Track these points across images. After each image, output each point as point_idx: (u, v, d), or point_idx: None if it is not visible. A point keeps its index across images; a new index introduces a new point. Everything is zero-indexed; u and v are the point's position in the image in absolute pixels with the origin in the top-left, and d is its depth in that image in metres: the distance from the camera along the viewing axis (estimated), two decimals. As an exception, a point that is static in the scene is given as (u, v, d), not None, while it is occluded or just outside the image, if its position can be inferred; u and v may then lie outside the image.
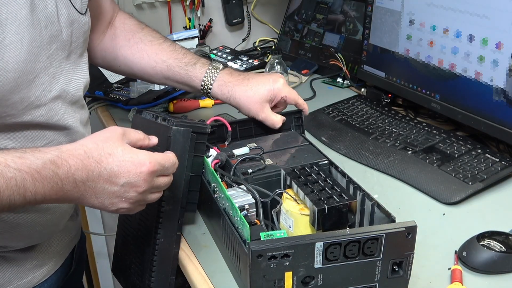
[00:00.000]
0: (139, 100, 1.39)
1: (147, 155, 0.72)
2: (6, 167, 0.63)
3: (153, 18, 1.70)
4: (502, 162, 1.04)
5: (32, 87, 0.76)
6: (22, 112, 0.76)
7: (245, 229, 0.74)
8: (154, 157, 0.73)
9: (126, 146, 0.72)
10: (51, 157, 0.66)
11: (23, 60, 0.73)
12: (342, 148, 1.18)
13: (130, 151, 0.71)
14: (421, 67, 1.26)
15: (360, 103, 1.36)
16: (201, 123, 0.90)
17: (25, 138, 0.79)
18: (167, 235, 0.85)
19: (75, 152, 0.68)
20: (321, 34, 1.65)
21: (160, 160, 0.74)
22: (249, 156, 0.92)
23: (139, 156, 0.71)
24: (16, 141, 0.78)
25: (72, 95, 0.85)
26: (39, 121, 0.79)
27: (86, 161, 0.68)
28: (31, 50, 0.74)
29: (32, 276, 0.90)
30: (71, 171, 0.67)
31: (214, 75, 1.06)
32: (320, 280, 0.71)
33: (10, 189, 0.63)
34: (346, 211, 0.76)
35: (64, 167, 0.67)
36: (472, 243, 0.83)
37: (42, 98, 0.78)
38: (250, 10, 1.85)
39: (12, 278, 0.86)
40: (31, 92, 0.76)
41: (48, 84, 0.79)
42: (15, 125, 0.77)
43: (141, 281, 0.88)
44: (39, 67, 0.76)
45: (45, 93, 0.78)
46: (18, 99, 0.74)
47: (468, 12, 1.11)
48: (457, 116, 1.18)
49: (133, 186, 0.71)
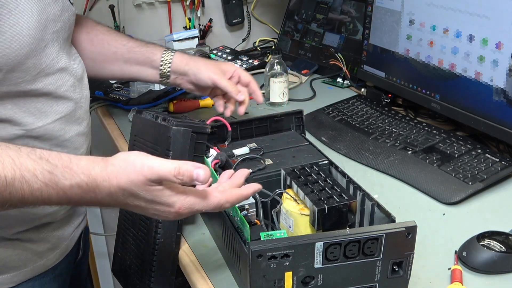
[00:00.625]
0: (139, 100, 1.39)
1: (178, 199, 0.68)
2: (34, 177, 0.65)
3: (153, 18, 1.70)
4: (502, 162, 1.04)
5: (43, 55, 0.81)
6: (34, 78, 0.80)
7: (245, 229, 0.74)
8: (186, 200, 0.69)
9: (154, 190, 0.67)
10: (80, 181, 0.66)
11: (34, 28, 0.77)
12: (342, 148, 1.18)
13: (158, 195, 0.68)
14: (421, 67, 1.26)
15: (360, 103, 1.36)
16: (201, 123, 0.90)
17: (40, 112, 0.83)
18: (167, 235, 0.85)
19: (102, 185, 0.67)
20: (321, 34, 1.65)
21: (196, 207, 0.69)
22: (249, 156, 0.93)
23: (168, 200, 0.68)
24: (30, 113, 0.82)
25: (75, 70, 0.90)
26: (50, 89, 0.84)
27: (113, 196, 0.68)
28: (40, 21, 0.78)
29: (46, 259, 0.92)
30: (98, 198, 0.68)
31: (172, 52, 1.15)
32: (320, 280, 0.71)
33: (34, 197, 0.66)
34: (346, 211, 0.76)
35: (91, 194, 0.67)
36: (472, 243, 0.83)
37: (51, 67, 0.83)
38: (250, 10, 1.85)
39: (27, 261, 0.89)
40: (42, 60, 0.81)
41: (55, 56, 0.84)
42: (29, 92, 0.81)
43: (141, 281, 0.88)
44: (47, 38, 0.81)
45: (53, 63, 0.83)
46: (32, 64, 0.79)
47: (468, 12, 1.11)
48: (457, 116, 1.18)
49: (163, 217, 0.70)
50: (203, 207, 0.70)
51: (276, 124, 1.05)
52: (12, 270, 0.87)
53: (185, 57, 1.15)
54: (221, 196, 0.71)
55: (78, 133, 0.91)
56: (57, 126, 0.86)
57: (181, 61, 1.14)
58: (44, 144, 0.85)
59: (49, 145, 0.86)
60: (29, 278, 0.90)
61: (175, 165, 0.66)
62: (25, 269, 0.89)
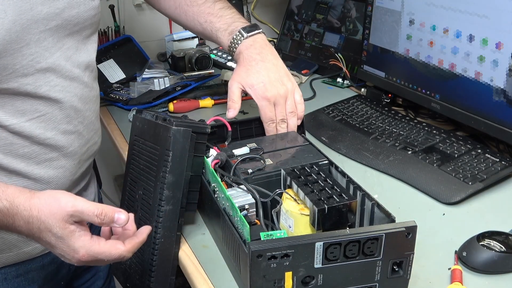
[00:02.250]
0: (139, 100, 1.39)
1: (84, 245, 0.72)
2: None
3: (153, 18, 1.70)
4: (502, 162, 1.04)
5: (18, 56, 0.79)
6: (7, 78, 0.79)
7: (245, 229, 0.74)
8: (91, 249, 0.72)
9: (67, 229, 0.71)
10: (1, 206, 0.71)
11: (6, 29, 0.76)
12: (342, 148, 1.18)
13: (68, 235, 0.71)
14: (421, 67, 1.26)
15: (360, 103, 1.36)
16: (201, 123, 0.90)
17: (16, 110, 0.83)
18: (167, 235, 0.85)
19: (22, 214, 0.71)
20: (321, 34, 1.65)
21: (100, 255, 0.73)
22: (249, 156, 0.92)
23: (75, 244, 0.72)
24: (7, 113, 0.82)
25: (68, 70, 0.88)
26: (27, 89, 0.82)
27: (30, 225, 0.72)
28: (17, 21, 0.77)
29: (32, 247, 0.93)
30: (15, 225, 0.72)
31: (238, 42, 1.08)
32: (320, 280, 0.71)
33: None
34: (346, 211, 0.76)
35: (9, 219, 0.72)
36: (472, 243, 0.83)
37: (29, 68, 0.81)
38: (250, 10, 1.85)
39: (12, 246, 0.90)
40: (17, 60, 0.79)
41: (37, 56, 0.82)
42: (3, 91, 0.80)
43: (141, 281, 0.88)
44: (28, 38, 0.80)
45: (33, 64, 0.82)
46: (2, 65, 0.78)
47: (468, 12, 1.11)
48: (457, 116, 1.18)
49: (66, 259, 0.74)
50: (107, 255, 0.73)
51: None
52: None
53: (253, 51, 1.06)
54: (123, 246, 0.74)
55: (64, 131, 0.90)
56: (34, 125, 0.85)
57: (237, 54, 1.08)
58: (23, 141, 0.85)
59: (29, 142, 0.86)
60: (13, 263, 0.92)
61: (98, 206, 0.72)
62: (9, 253, 0.91)
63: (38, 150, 0.87)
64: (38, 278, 0.97)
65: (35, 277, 0.96)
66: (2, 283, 0.92)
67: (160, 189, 0.84)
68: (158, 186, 0.84)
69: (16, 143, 0.84)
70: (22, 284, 0.94)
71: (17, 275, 0.93)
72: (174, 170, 0.84)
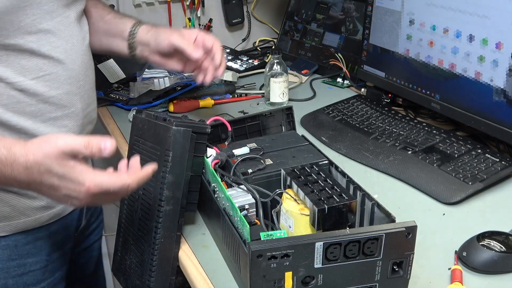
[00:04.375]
0: (139, 100, 1.39)
1: (89, 176, 0.71)
2: None
3: (153, 18, 1.70)
4: (502, 162, 1.04)
5: (23, 14, 0.84)
6: (14, 34, 0.84)
7: (245, 229, 0.74)
8: (96, 178, 0.72)
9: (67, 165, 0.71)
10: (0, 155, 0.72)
11: None
12: (342, 148, 1.18)
13: (70, 171, 0.71)
14: (421, 67, 1.26)
15: (360, 103, 1.36)
16: (201, 123, 0.90)
17: (22, 68, 0.86)
18: (167, 235, 0.85)
19: (19, 160, 0.72)
20: (321, 34, 1.65)
21: (105, 184, 0.72)
22: (249, 156, 0.92)
23: (79, 177, 0.71)
24: (14, 71, 0.85)
25: (68, 35, 0.93)
26: (32, 47, 0.86)
27: (29, 171, 0.72)
28: None
29: (40, 215, 0.96)
30: (13, 175, 0.72)
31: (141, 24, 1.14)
32: (320, 280, 0.71)
33: None
34: (346, 211, 0.76)
35: (7, 168, 0.72)
36: (472, 243, 0.83)
37: (32, 27, 0.86)
38: (250, 10, 1.85)
39: (20, 214, 0.93)
40: (21, 18, 0.84)
41: (39, 17, 0.87)
42: (9, 47, 0.84)
43: (141, 281, 0.88)
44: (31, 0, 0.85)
45: (35, 23, 0.86)
46: (9, 20, 0.82)
47: (468, 12, 1.11)
48: (457, 116, 1.18)
49: (74, 198, 0.73)
50: (112, 184, 0.72)
51: (268, 121, 1.07)
52: (4, 220, 0.92)
53: (149, 27, 1.14)
54: (127, 176, 0.74)
55: (67, 92, 0.93)
56: (40, 83, 0.88)
57: (144, 30, 1.13)
58: (30, 99, 0.88)
59: (35, 100, 0.89)
60: (21, 230, 0.95)
61: (84, 138, 0.72)
62: (18, 221, 0.93)
63: (44, 109, 0.90)
64: (46, 246, 1.00)
65: (43, 245, 1.00)
66: (13, 249, 0.95)
67: (160, 189, 0.84)
68: (158, 186, 0.84)
69: (23, 101, 0.88)
70: (32, 252, 0.98)
71: (27, 242, 0.97)
72: (174, 170, 0.84)
